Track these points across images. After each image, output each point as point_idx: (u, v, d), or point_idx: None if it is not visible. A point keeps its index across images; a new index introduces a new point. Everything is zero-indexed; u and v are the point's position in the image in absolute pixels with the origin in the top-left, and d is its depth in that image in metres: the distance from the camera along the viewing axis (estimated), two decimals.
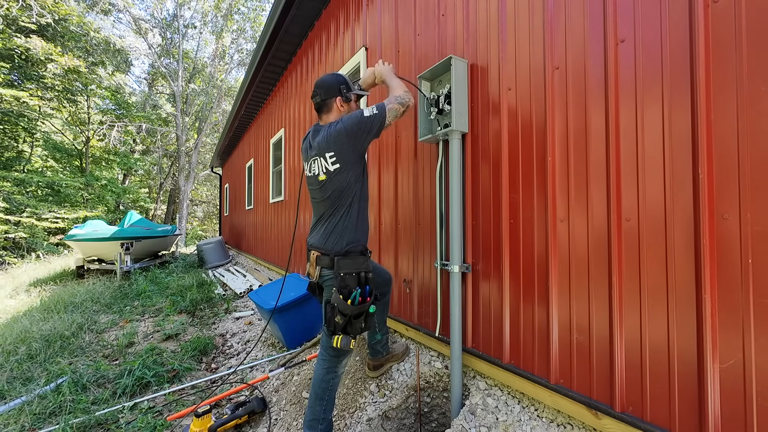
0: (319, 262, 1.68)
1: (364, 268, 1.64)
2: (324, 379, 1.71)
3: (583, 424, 1.39)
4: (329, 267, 1.64)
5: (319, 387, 1.71)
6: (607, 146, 1.30)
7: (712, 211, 1.04)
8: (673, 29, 1.14)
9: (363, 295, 1.60)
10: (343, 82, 1.76)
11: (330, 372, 1.72)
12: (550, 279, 1.46)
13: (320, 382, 1.71)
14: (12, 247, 10.84)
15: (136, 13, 16.59)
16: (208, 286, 5.70)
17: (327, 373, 1.71)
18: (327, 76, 1.78)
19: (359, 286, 1.60)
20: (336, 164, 1.61)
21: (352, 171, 1.64)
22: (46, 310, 4.56)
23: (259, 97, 6.91)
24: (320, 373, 1.72)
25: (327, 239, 1.67)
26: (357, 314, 1.57)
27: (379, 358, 2.17)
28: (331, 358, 1.72)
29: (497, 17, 1.76)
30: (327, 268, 1.66)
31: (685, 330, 1.09)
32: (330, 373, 1.72)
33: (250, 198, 8.22)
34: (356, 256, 1.65)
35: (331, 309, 1.58)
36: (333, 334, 1.58)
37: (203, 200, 25.29)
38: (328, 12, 3.97)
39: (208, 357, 3.25)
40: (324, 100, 1.73)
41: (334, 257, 1.63)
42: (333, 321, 1.57)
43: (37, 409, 2.29)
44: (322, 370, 1.72)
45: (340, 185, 1.63)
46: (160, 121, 18.11)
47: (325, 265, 1.66)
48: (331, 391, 1.72)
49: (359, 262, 1.64)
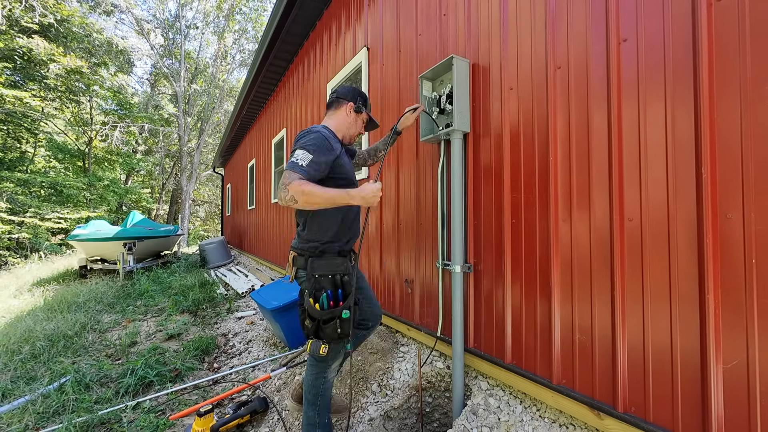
0: (295, 263, 1.63)
1: (341, 270, 1.56)
2: (314, 385, 1.63)
3: (585, 425, 1.38)
4: (304, 268, 1.59)
5: (309, 393, 1.64)
6: (609, 146, 1.30)
7: (715, 210, 1.04)
8: (675, 28, 1.14)
9: (335, 298, 1.51)
10: (363, 97, 1.77)
11: (319, 378, 1.63)
12: (553, 279, 1.46)
13: (310, 387, 1.64)
14: (15, 247, 10.90)
15: (138, 14, 16.65)
16: (210, 286, 5.72)
17: (316, 379, 1.63)
18: (350, 86, 1.79)
19: (332, 289, 1.52)
20: None
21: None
22: (49, 310, 4.58)
23: (261, 98, 6.92)
24: (309, 379, 1.65)
25: (302, 239, 1.62)
26: (327, 319, 1.48)
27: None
28: (318, 363, 1.63)
29: (499, 17, 1.75)
30: (302, 269, 1.60)
31: (688, 330, 1.09)
32: (319, 378, 1.63)
33: (252, 198, 8.23)
34: (332, 257, 1.58)
35: (302, 312, 1.55)
36: (306, 338, 1.53)
37: (205, 200, 25.35)
38: (330, 12, 3.97)
39: (210, 357, 3.26)
40: (337, 98, 1.72)
41: (308, 258, 1.58)
42: (303, 324, 1.53)
43: (41, 408, 2.30)
44: (311, 375, 1.65)
45: None
46: (163, 122, 18.17)
47: (300, 265, 1.61)
48: (322, 397, 1.63)
49: (335, 264, 1.56)
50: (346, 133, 1.73)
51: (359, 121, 1.76)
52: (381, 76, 2.81)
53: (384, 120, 2.75)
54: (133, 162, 17.47)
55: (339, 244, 1.62)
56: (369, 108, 1.81)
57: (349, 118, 1.72)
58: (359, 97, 1.74)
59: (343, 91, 1.74)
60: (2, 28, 10.49)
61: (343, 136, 1.73)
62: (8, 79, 11.01)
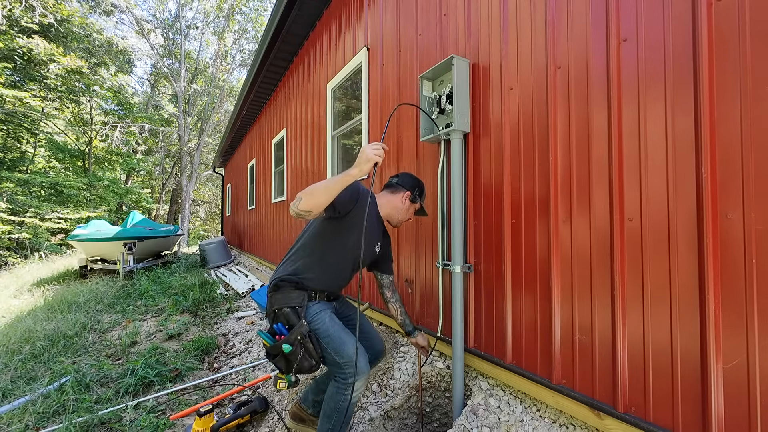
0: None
1: (295, 304, 1.57)
2: (333, 398, 1.56)
3: (585, 425, 1.38)
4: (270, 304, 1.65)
5: (327, 405, 1.58)
6: (609, 146, 1.30)
7: (716, 210, 1.04)
8: (675, 28, 1.14)
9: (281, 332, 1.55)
10: (421, 189, 1.86)
11: (340, 393, 1.55)
12: (553, 279, 1.46)
13: (328, 400, 1.59)
14: (16, 248, 10.90)
15: (138, 14, 16.66)
16: (210, 286, 5.72)
17: (336, 393, 1.56)
18: (414, 176, 1.89)
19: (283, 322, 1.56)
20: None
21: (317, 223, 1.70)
22: (49, 310, 4.58)
23: (261, 98, 6.92)
24: (330, 391, 1.59)
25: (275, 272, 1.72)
26: (273, 353, 1.54)
27: (309, 412, 1.90)
28: (339, 378, 1.57)
29: (499, 16, 1.75)
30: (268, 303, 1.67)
31: (688, 330, 1.09)
32: (339, 394, 1.55)
33: (252, 198, 8.23)
34: (289, 291, 1.60)
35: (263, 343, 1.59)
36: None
37: (205, 200, 25.36)
38: (330, 12, 3.97)
39: (210, 357, 3.26)
40: (398, 184, 1.83)
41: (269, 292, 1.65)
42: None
43: (41, 408, 2.30)
44: (332, 387, 1.59)
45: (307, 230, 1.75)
46: (163, 122, 18.18)
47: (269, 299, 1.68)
48: (339, 413, 1.55)
49: (290, 297, 1.58)
50: (394, 216, 1.83)
51: (411, 210, 1.86)
52: (381, 76, 2.82)
53: (384, 119, 2.75)
54: (133, 162, 17.47)
55: (303, 281, 1.62)
56: (423, 198, 1.89)
57: (402, 205, 1.81)
58: (417, 188, 1.84)
59: (405, 180, 1.84)
60: (2, 28, 10.49)
61: (390, 217, 1.83)
62: (8, 79, 11.02)
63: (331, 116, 3.83)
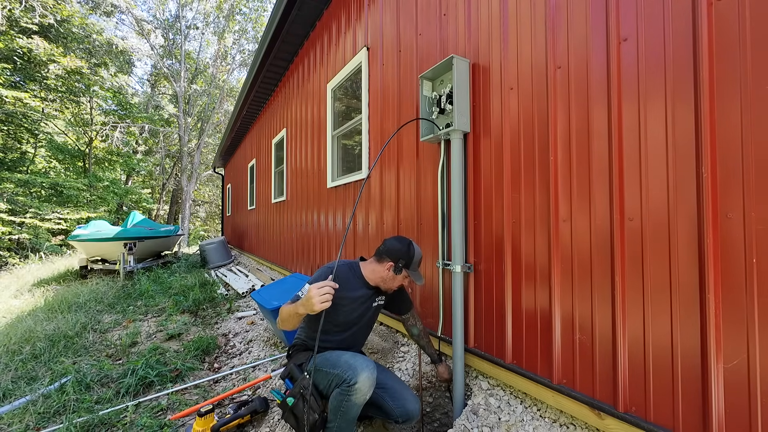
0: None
1: (302, 361, 1.72)
2: (336, 398, 1.55)
3: (585, 425, 1.38)
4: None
5: (331, 403, 1.58)
6: (609, 145, 1.30)
7: (716, 210, 1.04)
8: (675, 28, 1.14)
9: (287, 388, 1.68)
10: (407, 260, 1.71)
11: (342, 394, 1.53)
12: (553, 279, 1.46)
13: (332, 399, 1.58)
14: (16, 248, 10.91)
15: (138, 15, 16.66)
16: (210, 286, 5.72)
17: (339, 393, 1.54)
18: (402, 243, 1.74)
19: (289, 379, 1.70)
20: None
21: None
22: (50, 310, 4.58)
23: (261, 98, 6.92)
24: (335, 393, 1.58)
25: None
26: (283, 410, 1.64)
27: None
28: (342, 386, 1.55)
29: (499, 16, 1.75)
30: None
31: (688, 330, 1.09)
32: (342, 394, 1.53)
33: (252, 198, 8.23)
34: (299, 351, 1.80)
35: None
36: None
37: (206, 200, 25.36)
38: (330, 12, 3.97)
39: (210, 357, 3.26)
40: (383, 253, 1.75)
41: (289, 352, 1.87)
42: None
43: (42, 409, 2.30)
44: (336, 390, 1.58)
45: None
46: (163, 122, 18.19)
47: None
48: (343, 413, 1.53)
49: (299, 357, 1.75)
50: (382, 285, 1.77)
51: (398, 279, 1.75)
52: (381, 76, 2.82)
53: (384, 120, 2.75)
54: (133, 162, 17.48)
55: (311, 342, 1.77)
56: (414, 267, 1.75)
57: (387, 275, 1.74)
58: (402, 260, 1.70)
59: (391, 249, 1.72)
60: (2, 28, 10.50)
61: (380, 286, 1.78)
62: (8, 80, 11.02)
63: (331, 116, 3.83)
